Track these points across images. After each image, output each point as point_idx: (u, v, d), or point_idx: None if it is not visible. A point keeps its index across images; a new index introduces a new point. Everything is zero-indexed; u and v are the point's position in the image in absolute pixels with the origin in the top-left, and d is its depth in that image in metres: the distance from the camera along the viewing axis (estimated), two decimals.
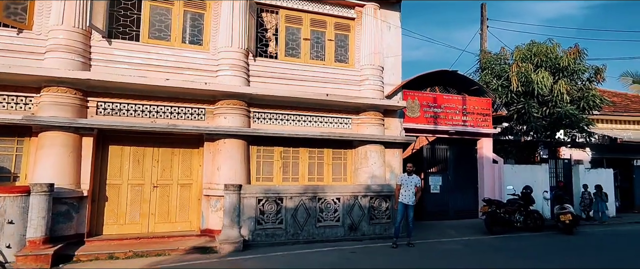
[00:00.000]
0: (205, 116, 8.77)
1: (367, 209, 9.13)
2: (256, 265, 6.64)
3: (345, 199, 8.97)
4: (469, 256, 7.49)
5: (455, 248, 8.27)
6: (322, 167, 9.94)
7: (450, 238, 9.39)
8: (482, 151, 12.32)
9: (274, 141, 9.39)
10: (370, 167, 9.89)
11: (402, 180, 8.47)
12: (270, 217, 8.35)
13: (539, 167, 12.99)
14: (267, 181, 9.32)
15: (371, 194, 9.21)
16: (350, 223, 8.96)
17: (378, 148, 10.04)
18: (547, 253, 7.89)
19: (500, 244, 8.76)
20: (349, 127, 10.12)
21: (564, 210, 10.21)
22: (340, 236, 8.81)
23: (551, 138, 12.81)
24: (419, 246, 8.37)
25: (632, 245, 9.01)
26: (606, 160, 15.48)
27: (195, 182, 8.90)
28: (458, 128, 11.61)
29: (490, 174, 12.28)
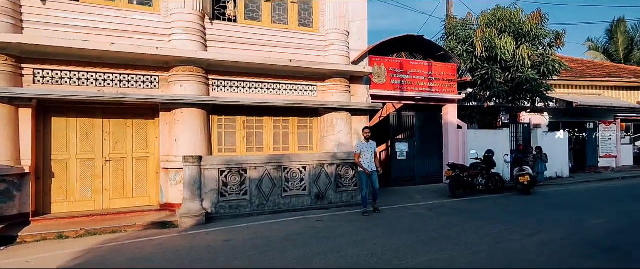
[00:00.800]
0: (159, 84, 8.16)
1: (333, 177, 9.02)
2: (218, 237, 6.40)
3: (312, 168, 8.80)
4: (431, 219, 7.59)
5: (420, 212, 8.37)
6: (287, 137, 9.66)
7: (415, 202, 9.52)
8: (447, 117, 12.43)
9: (236, 110, 8.96)
10: (336, 135, 9.72)
11: (361, 148, 8.31)
12: (234, 188, 8.06)
13: (500, 132, 13.36)
14: (230, 152, 8.96)
15: (338, 162, 9.08)
16: (317, 191, 8.84)
17: (344, 115, 9.84)
18: (504, 212, 8.15)
19: (462, 206, 8.97)
20: (314, 94, 9.81)
21: (522, 172, 10.57)
22: (308, 205, 8.70)
23: (513, 103, 13.12)
24: (385, 212, 8.42)
25: (581, 201, 9.51)
26: (562, 124, 16.17)
27: (152, 155, 8.40)
28: (424, 94, 11.59)
29: (454, 139, 12.49)
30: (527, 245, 5.65)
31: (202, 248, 5.80)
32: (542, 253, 5.24)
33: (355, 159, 8.34)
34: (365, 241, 6.01)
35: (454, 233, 6.41)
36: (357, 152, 8.28)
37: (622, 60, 25.64)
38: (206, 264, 5.03)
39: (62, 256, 5.52)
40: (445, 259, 5.04)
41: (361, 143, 8.37)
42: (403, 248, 5.56)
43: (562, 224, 6.95)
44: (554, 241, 5.84)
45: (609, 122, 16.71)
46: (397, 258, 5.12)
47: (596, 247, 5.56)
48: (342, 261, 5.03)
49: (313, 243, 5.94)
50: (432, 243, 5.82)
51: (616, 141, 16.82)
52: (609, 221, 7.22)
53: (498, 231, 6.51)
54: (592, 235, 6.19)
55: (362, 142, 8.38)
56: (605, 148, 16.69)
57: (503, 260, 4.98)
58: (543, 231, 6.48)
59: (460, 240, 5.97)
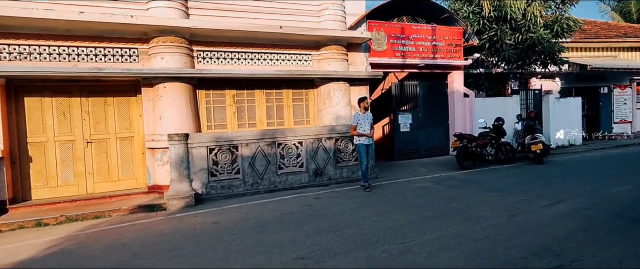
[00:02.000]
0: (139, 57, 7.52)
1: (332, 152, 8.45)
2: (207, 219, 5.90)
3: (308, 143, 8.22)
4: (438, 192, 7.03)
5: (425, 185, 7.81)
6: (281, 110, 9.04)
7: (420, 176, 8.95)
8: (453, 85, 11.69)
9: (225, 84, 8.33)
10: (334, 107, 9.08)
11: (358, 119, 7.64)
12: (225, 167, 7.53)
13: (510, 100, 12.62)
14: (220, 129, 8.38)
15: (336, 136, 8.48)
16: (314, 167, 8.29)
17: (342, 86, 9.17)
18: (516, 183, 7.56)
19: (470, 178, 8.39)
20: (309, 64, 9.11)
21: (534, 140, 9.91)
22: (305, 183, 8.17)
23: (523, 68, 12.30)
24: (387, 186, 7.87)
25: (598, 169, 8.88)
26: (575, 89, 15.34)
27: (137, 134, 7.85)
28: (428, 61, 10.82)
29: (461, 108, 11.79)
30: (545, 217, 5.08)
31: (188, 232, 5.31)
32: (564, 226, 4.67)
33: (351, 131, 7.73)
34: (365, 218, 5.48)
35: (463, 207, 5.84)
36: (353, 123, 7.66)
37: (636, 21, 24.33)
38: (187, 249, 4.53)
39: (34, 245, 5.06)
40: (454, 236, 4.49)
41: (358, 114, 7.74)
42: (407, 226, 5.01)
43: (581, 194, 6.36)
44: (575, 212, 5.26)
45: (625, 86, 15.83)
46: (400, 237, 4.58)
47: (623, 217, 4.97)
48: (339, 242, 4.50)
49: (308, 223, 5.42)
50: (439, 219, 5.27)
51: (632, 106, 15.98)
52: (632, 189, 6.61)
53: (511, 203, 5.94)
54: (615, 204, 5.59)
55: (359, 114, 7.74)
56: (620, 113, 15.88)
57: (519, 235, 4.41)
58: (561, 201, 5.90)
59: (471, 214, 5.41)
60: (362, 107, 7.76)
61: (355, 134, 7.62)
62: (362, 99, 7.83)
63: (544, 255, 3.80)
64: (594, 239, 4.20)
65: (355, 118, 7.66)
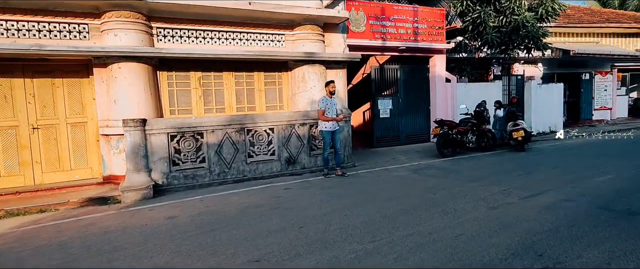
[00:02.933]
0: (90, 33, 6.79)
1: (306, 139, 7.95)
2: (162, 214, 5.36)
3: (280, 130, 7.69)
4: (415, 182, 6.64)
5: (403, 174, 7.42)
6: (252, 95, 8.45)
7: (399, 164, 8.56)
8: (434, 70, 11.28)
9: (190, 65, 7.68)
10: (309, 92, 8.54)
11: (326, 103, 7.20)
12: (189, 156, 6.96)
13: (492, 85, 12.31)
14: (185, 114, 7.76)
15: (310, 122, 7.98)
16: (287, 156, 7.79)
17: (318, 69, 8.62)
18: (497, 172, 7.24)
19: (449, 166, 8.04)
20: (282, 45, 8.51)
21: (516, 127, 9.62)
22: (277, 172, 7.68)
23: (506, 53, 11.96)
24: (364, 175, 7.45)
25: (581, 157, 8.67)
26: (557, 75, 15.18)
27: (90, 119, 7.17)
28: (409, 44, 10.34)
29: (443, 94, 11.41)
30: (526, 210, 4.73)
31: (136, 229, 4.76)
32: (547, 221, 4.31)
33: (319, 116, 7.25)
34: (335, 212, 5.03)
35: (441, 198, 5.46)
36: (321, 108, 7.18)
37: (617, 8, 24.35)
38: (130, 251, 3.99)
39: None
40: (428, 233, 4.08)
41: (326, 99, 7.27)
42: (379, 221, 4.58)
43: (563, 184, 6.05)
44: (557, 205, 4.93)
45: (606, 72, 15.76)
46: (370, 234, 4.15)
47: (608, 209, 4.66)
48: (302, 241, 4.04)
49: (272, 217, 4.94)
50: (414, 212, 4.86)
51: (612, 92, 15.96)
52: (616, 178, 6.35)
53: (491, 194, 5.58)
54: (599, 196, 5.29)
55: (327, 98, 7.28)
56: (600, 100, 15.85)
57: (499, 232, 4.04)
58: (543, 192, 5.57)
59: (448, 207, 5.02)
60: (328, 91, 7.31)
61: (324, 119, 7.18)
62: (329, 82, 7.37)
63: (525, 255, 3.43)
64: (579, 236, 3.85)
65: (323, 101, 7.20)
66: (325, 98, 7.27)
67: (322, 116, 7.20)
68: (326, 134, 7.25)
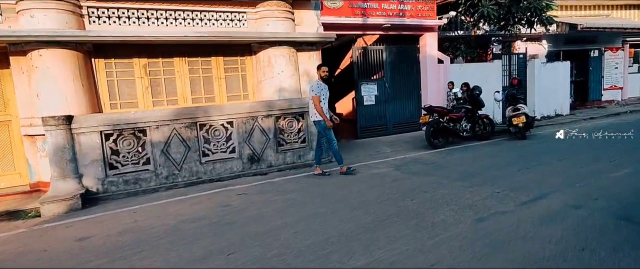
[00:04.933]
0: (3, 15, 5.71)
1: (272, 133, 6.90)
2: (77, 233, 4.37)
3: (240, 123, 6.64)
4: (396, 182, 5.60)
5: (384, 171, 6.37)
6: (211, 83, 7.38)
7: (382, 158, 7.51)
8: (425, 50, 10.11)
9: (133, 50, 6.60)
10: (276, 78, 7.45)
11: (320, 89, 6.20)
12: (130, 157, 5.95)
13: (490, 66, 11.12)
14: (130, 108, 6.72)
15: (276, 113, 6.92)
16: (249, 153, 6.76)
17: (286, 51, 7.50)
18: (493, 166, 6.17)
19: (440, 160, 6.98)
20: (243, 25, 7.38)
21: (517, 112, 8.50)
22: (238, 171, 6.66)
23: (505, 30, 10.72)
24: (337, 174, 6.40)
25: (590, 145, 7.56)
26: (563, 53, 13.91)
27: (15, 117, 6.15)
28: (395, 20, 9.16)
29: (435, 76, 10.27)
30: (524, 223, 3.68)
31: (31, 257, 3.78)
32: (549, 239, 3.27)
33: (315, 104, 6.15)
34: (284, 228, 4.01)
35: (420, 206, 4.42)
36: (316, 93, 6.13)
37: None
38: None
39: None
40: (391, 263, 3.06)
41: (320, 84, 6.25)
42: (334, 241, 3.56)
43: (569, 182, 4.98)
44: (563, 213, 3.87)
45: (617, 49, 14.45)
46: (315, 262, 3.14)
47: (629, 220, 3.60)
48: None
49: (205, 237, 3.94)
50: (382, 227, 3.83)
51: (623, 70, 14.68)
52: (635, 174, 5.26)
53: (482, 198, 4.53)
54: (615, 199, 4.23)
55: (321, 83, 6.26)
56: (611, 79, 14.59)
57: (486, 257, 3.00)
58: (545, 195, 4.50)
59: (426, 218, 3.99)
60: (320, 75, 6.29)
61: (320, 109, 6.14)
62: (321, 65, 6.38)
63: None
64: (595, 264, 2.81)
65: (317, 87, 6.17)
66: (319, 83, 6.23)
67: (318, 103, 6.12)
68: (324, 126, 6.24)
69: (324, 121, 6.19)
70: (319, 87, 6.20)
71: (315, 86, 6.21)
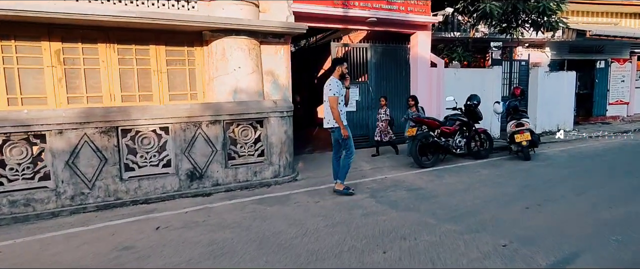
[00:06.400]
0: None
1: (220, 143, 5.50)
2: None
3: (178, 129, 5.23)
4: (362, 219, 4.23)
5: (352, 200, 5.00)
6: (148, 78, 5.95)
7: (358, 178, 6.14)
8: (416, 50, 8.80)
9: (41, 30, 5.15)
10: (231, 75, 6.06)
11: (339, 88, 5.05)
12: (20, 170, 4.51)
13: (489, 72, 9.84)
14: (37, 105, 5.27)
15: (227, 119, 5.52)
16: (190, 167, 5.34)
17: (245, 42, 6.12)
18: (492, 198, 4.85)
19: (426, 185, 5.63)
20: (193, 7, 5.98)
21: (521, 128, 7.22)
22: (174, 191, 5.25)
23: (507, 32, 9.46)
24: (294, 200, 5.01)
25: (608, 170, 6.30)
26: (567, 62, 12.72)
27: None
28: (382, 14, 7.82)
29: (426, 81, 8.96)
30: None
31: None
32: None
33: (332, 106, 4.97)
34: None
35: (396, 263, 3.06)
36: (334, 93, 4.97)
37: None
38: None
39: None
40: None
41: (340, 83, 5.09)
42: None
43: (600, 230, 3.67)
44: None
45: (624, 60, 13.31)
46: None
47: None
48: None
49: None
50: None
51: (630, 84, 13.55)
52: None
53: (483, 254, 3.21)
54: None
55: (339, 82, 5.08)
56: (616, 93, 13.44)
57: None
58: (573, 256, 3.17)
59: None
60: (338, 74, 5.11)
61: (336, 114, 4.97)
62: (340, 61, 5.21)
63: None
64: None
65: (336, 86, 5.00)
66: (338, 82, 5.07)
67: (336, 106, 4.96)
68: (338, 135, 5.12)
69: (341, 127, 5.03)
70: (338, 85, 5.00)
71: (334, 83, 5.00)
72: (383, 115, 7.64)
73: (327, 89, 5.04)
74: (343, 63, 5.15)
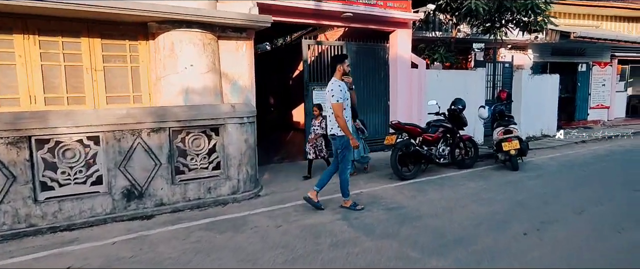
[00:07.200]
0: None
1: (165, 155, 4.62)
2: None
3: (111, 139, 4.32)
4: (334, 250, 3.47)
5: (319, 221, 4.23)
6: (79, 77, 5.01)
7: (329, 194, 5.33)
8: (395, 50, 8.12)
9: None
10: (182, 74, 5.19)
11: (343, 93, 4.31)
12: None
13: (473, 74, 9.27)
14: None
15: (175, 126, 4.64)
16: (127, 185, 4.44)
17: (199, 37, 5.26)
18: (479, 222, 4.16)
19: (406, 202, 4.91)
20: None
21: (508, 135, 6.62)
22: (106, 214, 4.35)
23: (491, 32, 8.90)
24: (251, 222, 4.19)
25: (603, 184, 5.77)
26: (550, 65, 12.36)
27: None
28: (358, 9, 7.09)
29: (407, 83, 8.29)
30: None
31: None
32: None
33: (337, 113, 4.26)
34: None
35: None
36: (337, 100, 4.26)
37: None
38: None
39: None
40: None
41: (343, 84, 4.37)
42: None
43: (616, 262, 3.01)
44: None
45: (605, 64, 13.09)
46: None
47: None
48: None
49: None
50: None
51: (611, 88, 13.33)
52: None
53: None
54: None
55: (343, 83, 4.38)
56: (598, 97, 13.20)
57: None
58: None
59: None
60: (339, 72, 4.42)
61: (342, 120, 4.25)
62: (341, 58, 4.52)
63: None
64: None
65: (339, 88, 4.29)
66: (341, 83, 4.36)
67: (341, 114, 4.26)
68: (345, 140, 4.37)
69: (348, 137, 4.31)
70: (341, 89, 4.28)
71: (336, 86, 4.30)
72: (317, 127, 6.17)
73: (329, 95, 4.34)
74: (344, 60, 4.44)
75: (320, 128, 6.13)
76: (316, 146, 6.23)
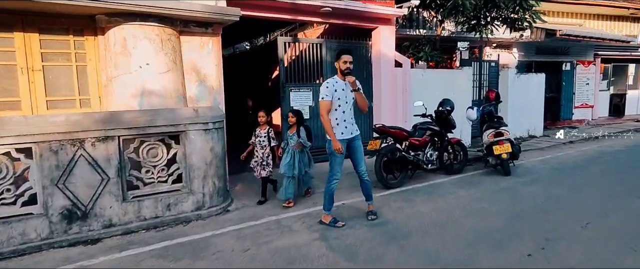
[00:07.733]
0: None
1: (115, 167, 3.96)
2: None
3: (47, 151, 3.65)
4: None
5: (294, 242, 3.67)
6: (13, 78, 4.31)
7: (309, 207, 4.80)
8: (378, 48, 7.62)
9: None
10: (137, 74, 4.54)
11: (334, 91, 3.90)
12: None
13: (459, 73, 8.86)
14: None
15: (126, 134, 4.00)
16: (67, 204, 3.77)
17: (156, 31, 4.62)
18: (474, 240, 3.68)
19: (394, 215, 4.40)
20: None
21: (499, 138, 6.19)
22: (41, 239, 3.68)
23: (477, 30, 8.51)
24: (215, 245, 3.59)
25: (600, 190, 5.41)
26: (535, 64, 12.10)
27: None
28: (337, 3, 6.55)
29: (391, 83, 7.80)
30: None
31: None
32: None
33: (321, 113, 3.89)
34: None
35: None
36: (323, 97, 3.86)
37: None
38: None
39: None
40: None
41: (339, 82, 3.96)
42: None
43: None
44: None
45: (589, 62, 12.94)
46: None
47: None
48: None
49: None
50: None
51: (595, 87, 13.21)
52: None
53: None
54: None
55: (340, 81, 3.96)
56: (582, 96, 13.03)
57: None
58: None
59: None
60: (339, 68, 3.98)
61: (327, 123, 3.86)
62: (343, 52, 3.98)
63: None
64: None
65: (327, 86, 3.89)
66: (337, 80, 3.96)
67: (326, 114, 3.85)
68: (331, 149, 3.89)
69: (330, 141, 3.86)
70: (328, 86, 3.88)
71: (323, 86, 3.90)
72: (263, 138, 4.88)
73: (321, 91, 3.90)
74: (340, 57, 3.91)
75: (266, 138, 4.88)
76: (262, 162, 4.90)
